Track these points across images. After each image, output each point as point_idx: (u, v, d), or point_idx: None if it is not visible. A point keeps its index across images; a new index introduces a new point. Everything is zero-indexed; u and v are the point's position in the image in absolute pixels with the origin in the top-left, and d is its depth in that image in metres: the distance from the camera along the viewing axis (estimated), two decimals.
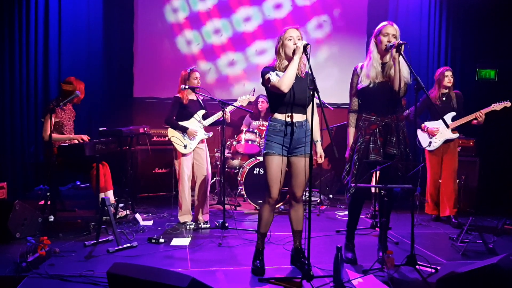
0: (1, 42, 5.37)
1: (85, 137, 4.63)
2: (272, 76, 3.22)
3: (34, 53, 5.56)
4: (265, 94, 3.44)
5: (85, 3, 5.91)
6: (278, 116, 3.28)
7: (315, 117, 3.39)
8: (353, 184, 3.43)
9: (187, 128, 4.64)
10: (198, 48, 6.57)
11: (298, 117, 3.28)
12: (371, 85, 3.44)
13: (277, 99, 3.27)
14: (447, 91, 4.94)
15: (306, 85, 3.15)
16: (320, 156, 3.44)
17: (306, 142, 3.28)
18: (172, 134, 4.67)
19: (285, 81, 3.14)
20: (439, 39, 6.63)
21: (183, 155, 4.66)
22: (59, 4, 5.69)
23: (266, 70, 3.28)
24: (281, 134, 3.26)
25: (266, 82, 3.26)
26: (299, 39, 3.22)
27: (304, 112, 3.29)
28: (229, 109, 4.65)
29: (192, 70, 4.69)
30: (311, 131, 3.11)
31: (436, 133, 4.91)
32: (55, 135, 4.53)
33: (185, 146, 4.64)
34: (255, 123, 6.23)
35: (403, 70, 3.35)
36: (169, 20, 6.50)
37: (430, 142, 4.96)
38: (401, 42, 3.28)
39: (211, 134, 4.82)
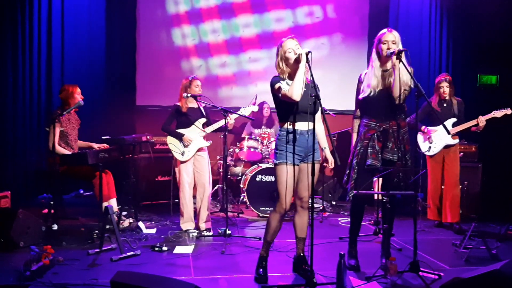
0: (4, 51, 5.41)
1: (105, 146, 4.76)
2: (283, 85, 3.21)
3: (37, 61, 5.60)
4: (270, 100, 3.42)
5: (87, 12, 5.96)
6: (290, 125, 3.26)
7: (321, 124, 3.40)
8: (355, 191, 3.43)
9: (183, 135, 4.66)
10: (199, 54, 6.62)
11: (306, 125, 3.25)
12: (372, 94, 3.46)
13: (287, 108, 3.25)
14: (446, 97, 4.95)
15: (311, 92, 3.15)
16: (330, 162, 3.44)
17: (316, 149, 3.26)
18: (170, 141, 4.71)
19: (295, 89, 3.11)
20: (440, 44, 6.64)
21: (183, 162, 4.68)
22: (62, 13, 5.75)
23: (276, 80, 3.27)
24: (294, 144, 3.25)
25: (277, 91, 3.23)
26: (297, 48, 3.23)
27: (311, 119, 3.26)
28: (234, 117, 4.68)
29: (194, 78, 4.74)
30: (313, 138, 3.12)
31: (434, 133, 4.90)
32: (80, 143, 4.80)
33: (182, 153, 4.66)
34: (256, 131, 6.20)
35: (403, 77, 3.36)
36: (171, 28, 6.53)
37: (430, 147, 4.96)
38: (401, 49, 3.30)
39: (210, 142, 4.83)
